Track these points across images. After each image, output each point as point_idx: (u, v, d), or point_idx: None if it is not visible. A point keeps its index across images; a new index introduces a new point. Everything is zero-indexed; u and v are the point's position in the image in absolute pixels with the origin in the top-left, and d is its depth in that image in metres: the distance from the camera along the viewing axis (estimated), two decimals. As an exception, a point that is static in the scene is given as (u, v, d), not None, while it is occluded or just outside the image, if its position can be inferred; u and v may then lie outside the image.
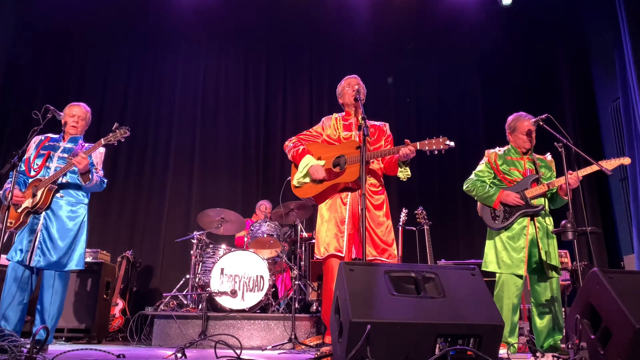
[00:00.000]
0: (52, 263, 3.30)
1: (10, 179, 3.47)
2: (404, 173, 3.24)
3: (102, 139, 3.39)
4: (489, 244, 3.59)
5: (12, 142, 6.43)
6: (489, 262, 3.52)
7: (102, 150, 3.62)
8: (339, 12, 7.40)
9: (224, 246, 5.24)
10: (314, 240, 5.48)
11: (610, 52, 6.22)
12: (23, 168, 3.45)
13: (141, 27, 7.26)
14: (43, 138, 3.57)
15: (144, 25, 7.26)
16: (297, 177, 3.37)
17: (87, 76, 7.08)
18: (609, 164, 3.35)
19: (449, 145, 3.03)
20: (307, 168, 3.33)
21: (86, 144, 3.58)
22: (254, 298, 4.65)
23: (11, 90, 6.70)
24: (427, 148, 3.08)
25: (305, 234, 5.61)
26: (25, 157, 3.48)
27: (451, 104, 7.45)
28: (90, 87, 7.01)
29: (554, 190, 3.53)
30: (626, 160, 3.40)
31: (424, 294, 2.17)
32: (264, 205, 6.13)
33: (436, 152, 3.07)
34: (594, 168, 3.35)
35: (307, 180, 3.35)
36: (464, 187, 3.73)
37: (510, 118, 3.72)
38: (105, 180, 3.63)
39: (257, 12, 7.40)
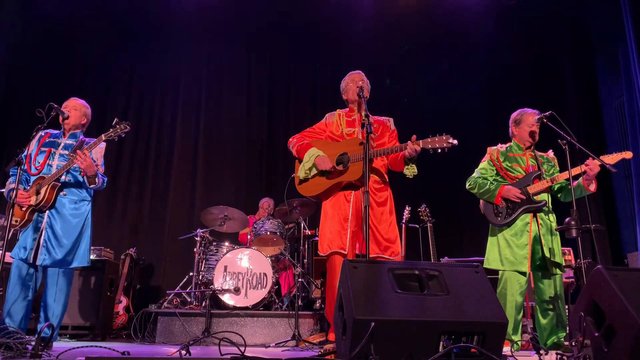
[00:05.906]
0: (58, 261, 3.31)
1: (13, 177, 3.48)
2: (410, 170, 3.22)
3: (102, 135, 3.39)
4: (491, 241, 3.58)
5: (16, 140, 6.44)
6: (492, 260, 3.51)
7: (102, 145, 3.60)
8: (342, 8, 7.40)
9: (227, 244, 5.25)
10: (316, 238, 5.50)
11: (614, 49, 6.19)
12: (25, 166, 3.45)
13: (144, 24, 7.26)
14: (43, 134, 3.55)
15: (147, 22, 7.26)
16: (303, 167, 3.35)
17: (90, 74, 7.09)
18: (610, 159, 3.35)
19: (452, 143, 3.02)
20: (313, 158, 3.32)
21: (87, 139, 3.58)
22: (257, 295, 4.66)
23: (15, 89, 6.71)
24: (430, 146, 3.06)
25: (308, 231, 5.62)
26: (26, 153, 3.48)
27: (455, 101, 7.42)
28: (93, 85, 7.01)
29: (563, 184, 3.52)
30: (627, 155, 3.38)
31: (428, 292, 2.18)
32: (267, 203, 6.13)
33: (439, 151, 3.05)
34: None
35: (314, 171, 3.33)
36: (467, 186, 3.72)
37: (515, 112, 3.72)
38: (106, 179, 3.62)
39: (260, 9, 7.39)
